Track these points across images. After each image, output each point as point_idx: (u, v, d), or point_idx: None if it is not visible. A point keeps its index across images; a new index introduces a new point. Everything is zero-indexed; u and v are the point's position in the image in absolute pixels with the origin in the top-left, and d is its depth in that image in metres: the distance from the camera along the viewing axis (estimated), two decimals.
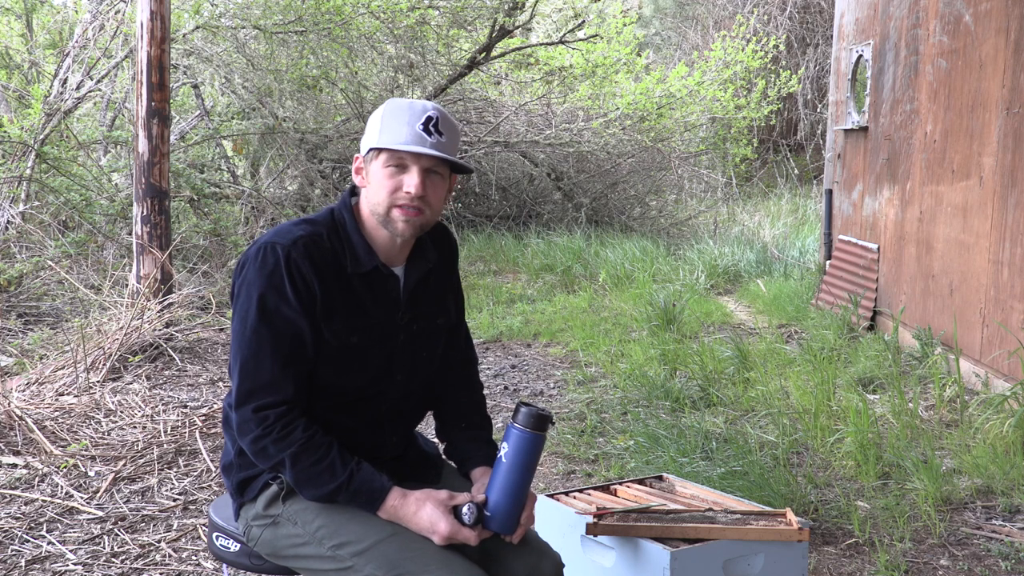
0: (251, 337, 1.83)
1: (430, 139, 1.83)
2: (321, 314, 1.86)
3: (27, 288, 6.94)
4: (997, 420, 4.04)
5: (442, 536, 1.79)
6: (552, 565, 1.93)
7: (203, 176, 9.19)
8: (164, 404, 4.70)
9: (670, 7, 17.25)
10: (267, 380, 1.83)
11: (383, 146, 1.85)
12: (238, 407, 1.84)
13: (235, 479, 1.97)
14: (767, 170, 15.22)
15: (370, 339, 1.93)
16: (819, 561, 3.08)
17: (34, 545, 3.24)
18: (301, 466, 1.81)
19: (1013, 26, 4.58)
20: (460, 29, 10.34)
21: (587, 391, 5.10)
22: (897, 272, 6.05)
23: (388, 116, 1.86)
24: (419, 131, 1.83)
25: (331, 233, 1.91)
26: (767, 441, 4.11)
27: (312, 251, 1.85)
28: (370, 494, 1.82)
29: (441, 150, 1.84)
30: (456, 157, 1.89)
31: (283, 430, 1.81)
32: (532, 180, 11.54)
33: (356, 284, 1.90)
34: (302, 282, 1.83)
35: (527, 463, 1.85)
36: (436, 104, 1.89)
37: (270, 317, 1.83)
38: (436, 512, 1.81)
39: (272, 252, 1.83)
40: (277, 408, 1.82)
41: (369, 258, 1.91)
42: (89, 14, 8.75)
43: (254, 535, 1.95)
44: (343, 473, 1.81)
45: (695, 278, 8.17)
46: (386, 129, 1.85)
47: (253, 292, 1.83)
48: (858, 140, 6.89)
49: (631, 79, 11.51)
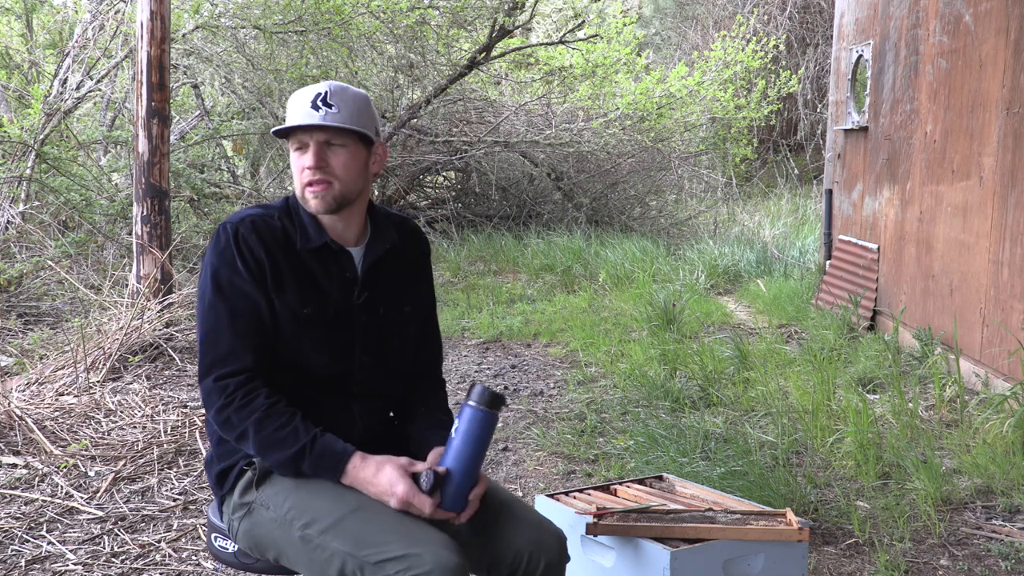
0: (208, 312, 1.92)
1: (318, 113, 1.91)
2: (272, 287, 1.93)
3: (27, 288, 6.94)
4: (997, 420, 4.04)
5: (399, 498, 1.81)
6: (554, 538, 1.94)
7: (203, 176, 9.19)
8: (164, 404, 4.70)
9: (670, 7, 17.25)
10: (225, 351, 1.89)
11: (280, 127, 1.94)
12: (201, 380, 1.92)
13: (215, 472, 2.00)
14: (767, 170, 15.22)
15: (325, 313, 1.98)
16: (819, 561, 3.08)
17: (34, 545, 3.24)
18: (264, 432, 1.85)
19: (1013, 26, 4.58)
20: (460, 29, 10.34)
21: (587, 391, 5.10)
22: (897, 272, 6.05)
23: (289, 104, 1.96)
24: (308, 109, 1.91)
25: (283, 214, 2.00)
26: (767, 441, 4.11)
27: (260, 228, 1.95)
28: (332, 458, 1.85)
29: (331, 120, 1.90)
30: (356, 126, 1.93)
31: (244, 398, 1.87)
32: (532, 180, 11.54)
33: (307, 259, 1.98)
34: (251, 255, 1.92)
35: (478, 441, 1.85)
36: (335, 82, 1.96)
37: (224, 291, 1.92)
38: (395, 474, 1.83)
39: (224, 232, 1.95)
40: (237, 377, 1.88)
41: (319, 235, 1.99)
42: (89, 14, 8.76)
43: (235, 528, 1.97)
44: (306, 436, 1.85)
45: (695, 278, 8.16)
46: (287, 117, 1.95)
47: (208, 270, 1.94)
48: (858, 140, 6.89)
49: (631, 79, 11.51)
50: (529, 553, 1.89)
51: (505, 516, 1.94)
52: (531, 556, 1.89)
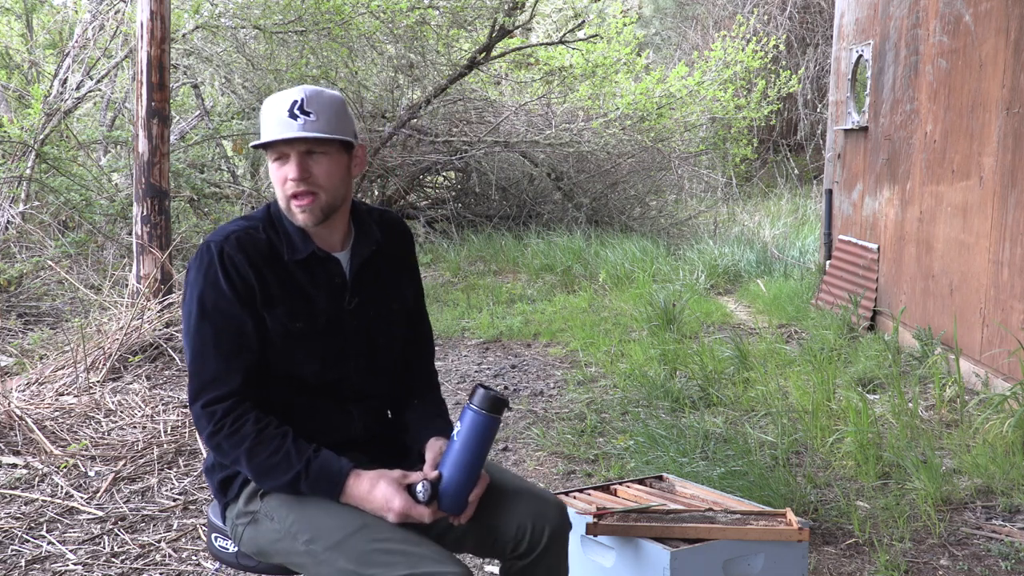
0: (194, 335, 1.89)
1: (296, 122, 1.85)
2: (262, 303, 1.90)
3: (27, 288, 6.94)
4: (997, 420, 4.04)
5: (396, 513, 1.81)
6: (554, 507, 1.95)
7: (203, 176, 9.20)
8: (164, 404, 4.70)
9: (670, 7, 17.25)
10: (212, 376, 1.87)
11: (259, 141, 1.90)
12: (191, 405, 1.90)
13: (216, 479, 1.99)
14: (767, 170, 15.22)
15: (316, 324, 1.96)
16: (819, 561, 3.08)
17: (34, 545, 3.24)
18: (257, 460, 1.84)
19: (1013, 26, 4.58)
20: (460, 29, 10.34)
21: (587, 391, 5.10)
22: (897, 272, 6.05)
23: (263, 114, 1.91)
24: (285, 119, 1.86)
25: (267, 226, 1.96)
26: (767, 441, 4.11)
27: (245, 244, 1.90)
28: (329, 478, 1.84)
29: (311, 129, 1.86)
30: (333, 134, 1.88)
31: (233, 424, 1.85)
32: (532, 180, 11.54)
33: (295, 271, 1.95)
34: (237, 275, 1.88)
35: (479, 444, 1.86)
36: (309, 87, 1.90)
37: (209, 314, 1.88)
38: (390, 489, 1.82)
39: (207, 251, 1.90)
40: (225, 402, 1.86)
41: (305, 244, 1.95)
42: (89, 14, 8.76)
43: (239, 534, 1.97)
44: (299, 462, 1.84)
45: (695, 278, 8.16)
46: (263, 127, 1.90)
47: (193, 292, 1.90)
48: (858, 140, 6.89)
49: (631, 79, 11.51)
50: (532, 524, 1.91)
51: (504, 495, 1.94)
52: (534, 527, 1.91)
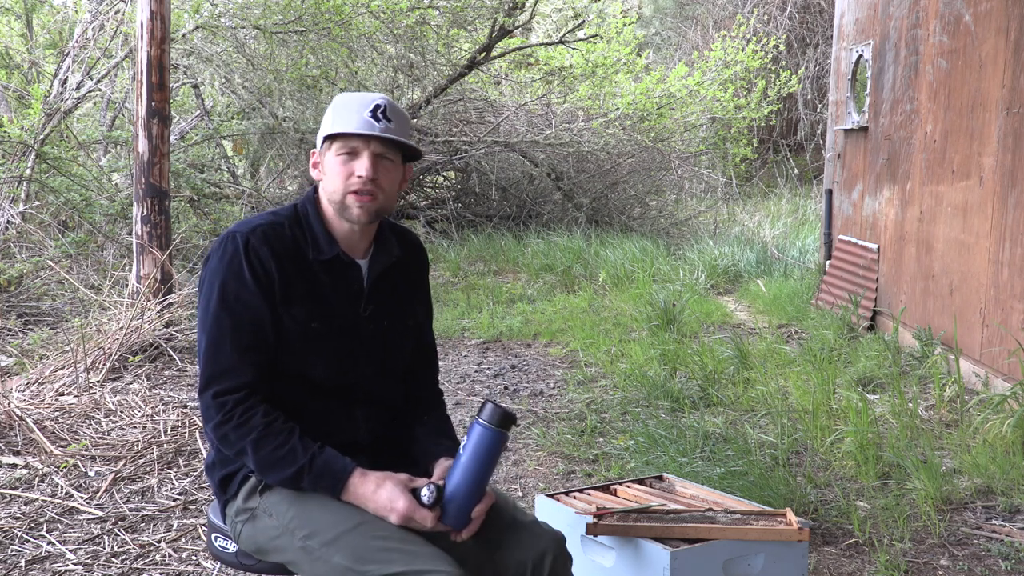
0: (212, 324, 1.89)
1: (379, 124, 1.91)
2: (281, 299, 1.91)
3: (27, 288, 6.94)
4: (997, 420, 4.04)
5: (399, 514, 1.81)
6: (555, 544, 1.94)
7: (203, 176, 9.19)
8: (164, 404, 4.70)
9: (670, 7, 17.25)
10: (226, 366, 1.87)
11: (335, 131, 1.92)
12: (200, 394, 1.90)
13: (217, 477, 1.99)
14: (767, 170, 15.22)
15: (331, 326, 1.97)
16: (819, 561, 3.08)
17: (34, 545, 3.24)
18: (263, 452, 1.85)
19: (1013, 26, 4.58)
20: (460, 29, 10.34)
21: (587, 391, 5.10)
22: (897, 272, 6.05)
23: (339, 107, 1.94)
24: (368, 118, 1.91)
25: (293, 223, 1.98)
26: (767, 441, 4.11)
27: (271, 238, 1.92)
28: (332, 476, 1.85)
29: (391, 134, 1.91)
30: (407, 141, 1.95)
31: (242, 415, 1.85)
32: (532, 180, 11.54)
33: (317, 271, 1.96)
34: (260, 267, 1.89)
35: (486, 459, 1.85)
36: (385, 96, 1.96)
37: (230, 304, 1.89)
38: (395, 490, 1.83)
39: (232, 240, 1.91)
40: (236, 394, 1.86)
41: (330, 246, 1.97)
42: (89, 14, 8.76)
43: (237, 531, 1.97)
44: (304, 457, 1.84)
45: (695, 278, 8.16)
46: (337, 119, 1.93)
47: (215, 280, 1.90)
48: (858, 140, 6.89)
49: (631, 79, 11.51)
50: (532, 563, 1.89)
51: (510, 530, 1.93)
52: (534, 566, 1.89)
